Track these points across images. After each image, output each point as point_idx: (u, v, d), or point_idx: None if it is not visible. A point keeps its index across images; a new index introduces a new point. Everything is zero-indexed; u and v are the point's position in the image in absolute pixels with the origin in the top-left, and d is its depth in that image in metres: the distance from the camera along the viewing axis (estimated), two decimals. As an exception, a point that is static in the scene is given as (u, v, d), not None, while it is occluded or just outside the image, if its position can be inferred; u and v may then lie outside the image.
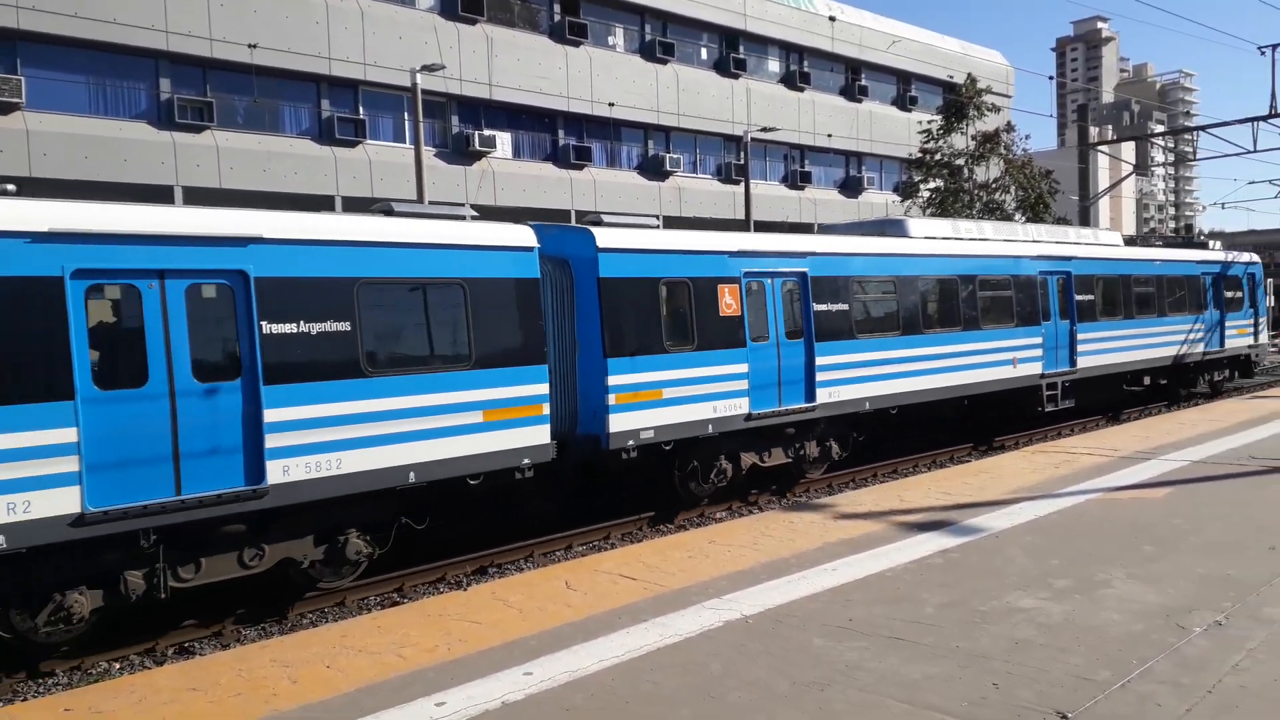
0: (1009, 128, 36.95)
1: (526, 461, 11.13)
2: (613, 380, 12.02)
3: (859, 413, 15.22)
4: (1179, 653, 6.17)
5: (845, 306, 14.95)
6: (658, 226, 13.92)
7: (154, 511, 8.39)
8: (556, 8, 35.75)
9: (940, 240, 17.59)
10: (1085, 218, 37.09)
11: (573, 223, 19.34)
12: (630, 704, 5.70)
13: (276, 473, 9.05)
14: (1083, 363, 19.84)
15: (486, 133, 33.26)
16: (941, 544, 9.21)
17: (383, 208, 10.93)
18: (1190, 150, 73.89)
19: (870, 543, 9.37)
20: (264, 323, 9.08)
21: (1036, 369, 18.69)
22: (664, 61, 38.48)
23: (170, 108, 26.93)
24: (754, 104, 41.20)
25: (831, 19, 43.91)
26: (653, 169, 38.55)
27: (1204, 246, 26.21)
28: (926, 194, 36.72)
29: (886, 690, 5.78)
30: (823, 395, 14.54)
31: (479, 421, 10.72)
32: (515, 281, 11.18)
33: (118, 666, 8.76)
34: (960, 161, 35.91)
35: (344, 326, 9.62)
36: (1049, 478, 12.52)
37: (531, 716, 5.57)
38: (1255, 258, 27.05)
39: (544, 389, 11.34)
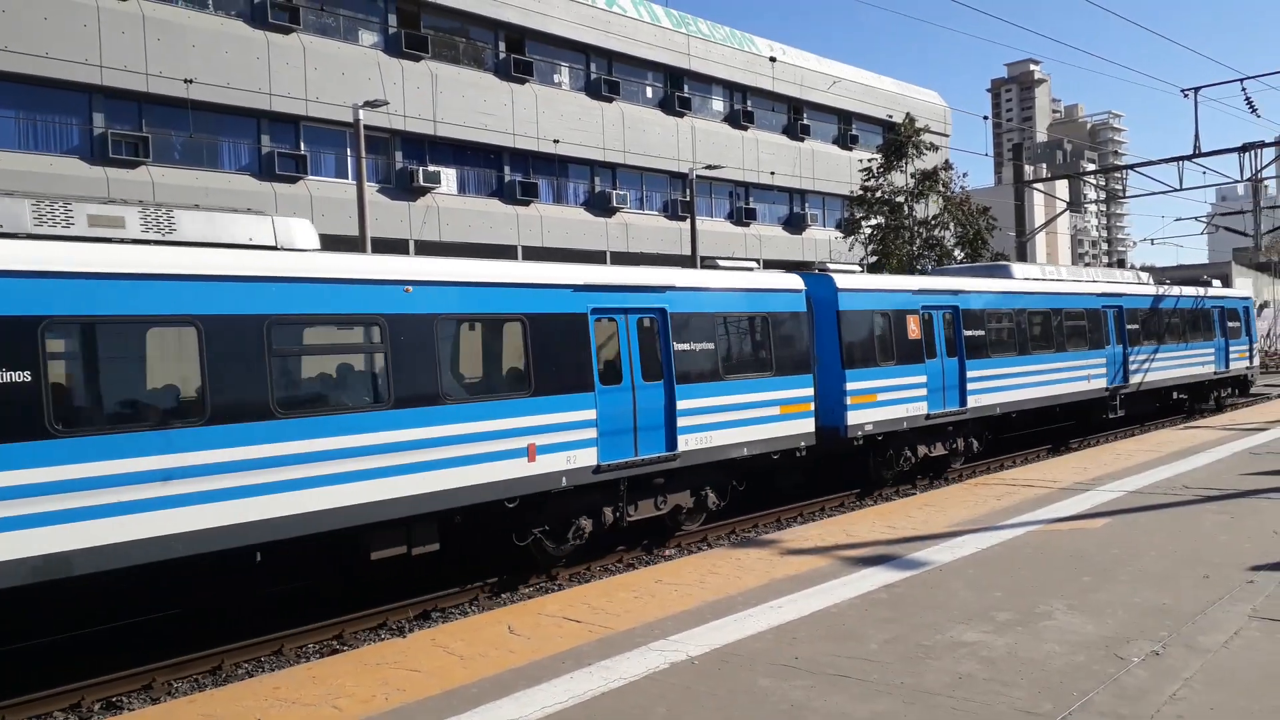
0: (947, 166, 37.90)
1: (802, 444, 15.18)
2: (849, 386, 16.08)
3: (993, 415, 19.59)
4: (1118, 683, 6.22)
5: (982, 332, 19.13)
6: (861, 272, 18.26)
7: (625, 466, 12.50)
8: (502, 45, 35.94)
9: (1035, 280, 22.25)
10: (1022, 253, 38.05)
11: (515, 259, 19.39)
12: (573, 752, 5.57)
13: (682, 444, 13.18)
14: (1133, 379, 24.23)
15: (431, 169, 33.15)
16: (886, 578, 9.23)
17: (711, 264, 15.42)
18: (1120, 188, 76.41)
19: (816, 578, 9.35)
20: (675, 343, 13.29)
21: (1101, 383, 22.99)
22: (609, 99, 38.83)
23: (104, 142, 26.39)
24: (699, 142, 41.71)
25: (773, 60, 44.78)
26: (599, 205, 38.72)
27: (1208, 284, 30.07)
28: (868, 231, 37.39)
29: (832, 730, 5.72)
30: (972, 400, 18.74)
31: (778, 414, 14.76)
32: (792, 314, 15.34)
33: (39, 725, 8.36)
34: (900, 199, 36.67)
35: (709, 347, 13.78)
36: (991, 510, 12.67)
37: (471, 768, 5.41)
38: (1249, 293, 32.17)
39: (811, 391, 15.38)
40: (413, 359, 10.47)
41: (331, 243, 11.51)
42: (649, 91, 41.46)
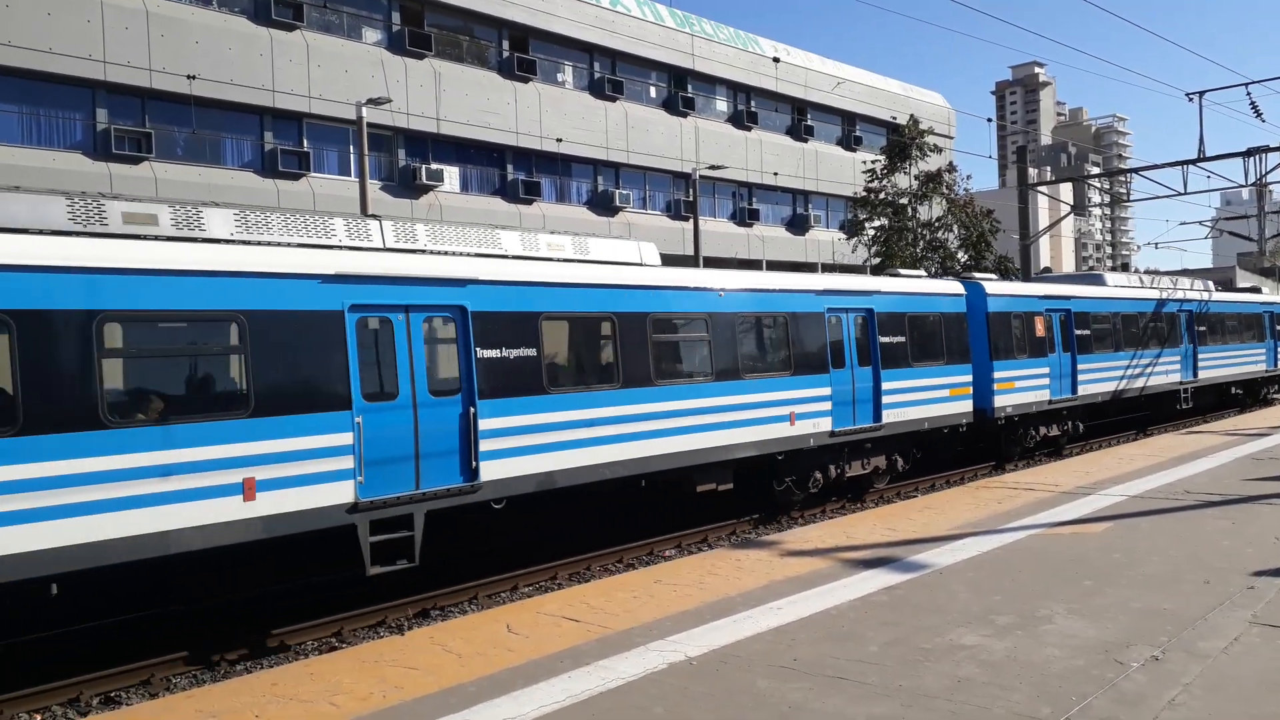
0: (951, 168, 37.83)
1: (964, 421, 18.55)
2: (995, 375, 19.19)
3: (1095, 402, 22.59)
4: (1117, 688, 6.20)
5: (1088, 331, 22.37)
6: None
7: (849, 433, 15.86)
8: (505, 44, 35.93)
9: (1124, 287, 25.36)
10: (1026, 256, 37.97)
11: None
12: (570, 752, 5.55)
13: (885, 417, 16.54)
14: (1201, 375, 27.53)
15: (434, 166, 33.15)
16: (886, 581, 9.21)
17: (892, 272, 19.47)
18: (1125, 191, 76.32)
19: (816, 580, 9.33)
20: (880, 336, 16.67)
21: (1176, 378, 26.18)
22: (613, 99, 38.81)
23: (107, 138, 26.40)
24: (702, 142, 41.69)
25: (776, 60, 44.75)
26: (602, 204, 38.70)
27: (1258, 291, 34.46)
28: (871, 232, 37.35)
29: (830, 733, 5.70)
30: (1082, 389, 21.76)
31: (948, 396, 18.08)
32: (957, 314, 18.69)
33: (39, 718, 8.35)
34: (904, 201, 36.62)
35: (901, 339, 17.11)
36: (992, 513, 12.64)
37: (467, 767, 5.39)
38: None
39: (970, 378, 18.64)
40: (723, 345, 14.03)
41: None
42: (652, 91, 41.44)
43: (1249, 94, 29.84)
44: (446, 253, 11.38)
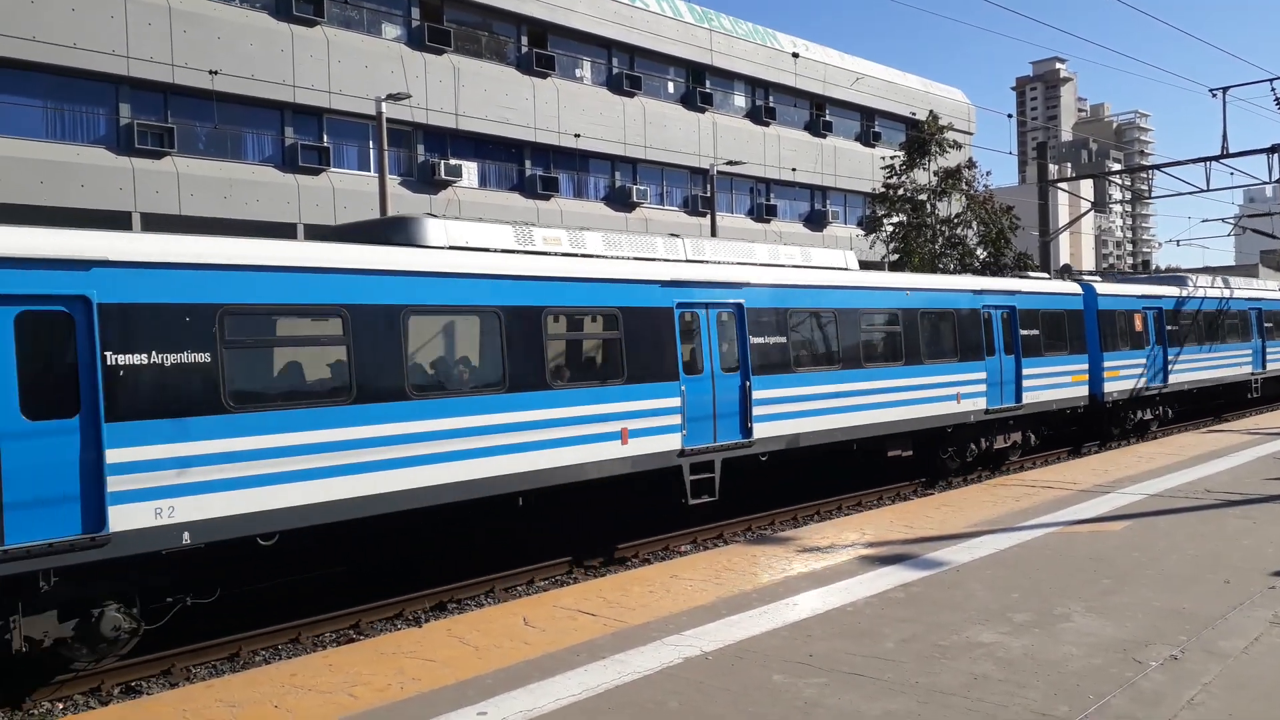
0: (970, 164, 37.58)
1: (1082, 404, 21.48)
2: (1105, 364, 22.09)
3: (1182, 390, 25.14)
4: (1135, 687, 6.18)
5: (1176, 327, 24.90)
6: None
7: (999, 411, 19.01)
8: (524, 40, 35.96)
9: (1205, 287, 27.35)
10: (1045, 253, 37.72)
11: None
12: (586, 744, 5.59)
13: (1025, 398, 19.61)
14: (1269, 367, 30.10)
15: (453, 162, 33.24)
16: (903, 577, 9.20)
17: (1022, 274, 22.59)
18: (1146, 188, 75.65)
19: (832, 576, 9.33)
20: (1020, 329, 19.61)
21: (1248, 369, 28.90)
22: (630, 94, 38.79)
23: (130, 133, 26.61)
24: (720, 137, 41.61)
25: (795, 55, 44.59)
26: (620, 200, 38.71)
27: None
28: (889, 228, 37.18)
29: (846, 728, 5.71)
30: (1172, 378, 24.44)
31: (1070, 381, 20.93)
32: (1077, 310, 21.63)
33: (60, 707, 8.46)
34: (923, 197, 36.43)
35: (1036, 332, 20.00)
36: (1009, 511, 12.59)
37: (484, 758, 5.43)
38: None
39: (1087, 366, 21.54)
40: (909, 335, 16.96)
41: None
42: (670, 87, 41.38)
43: (1274, 90, 29.44)
44: (724, 262, 14.55)
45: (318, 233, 20.37)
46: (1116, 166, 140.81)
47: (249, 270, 9.20)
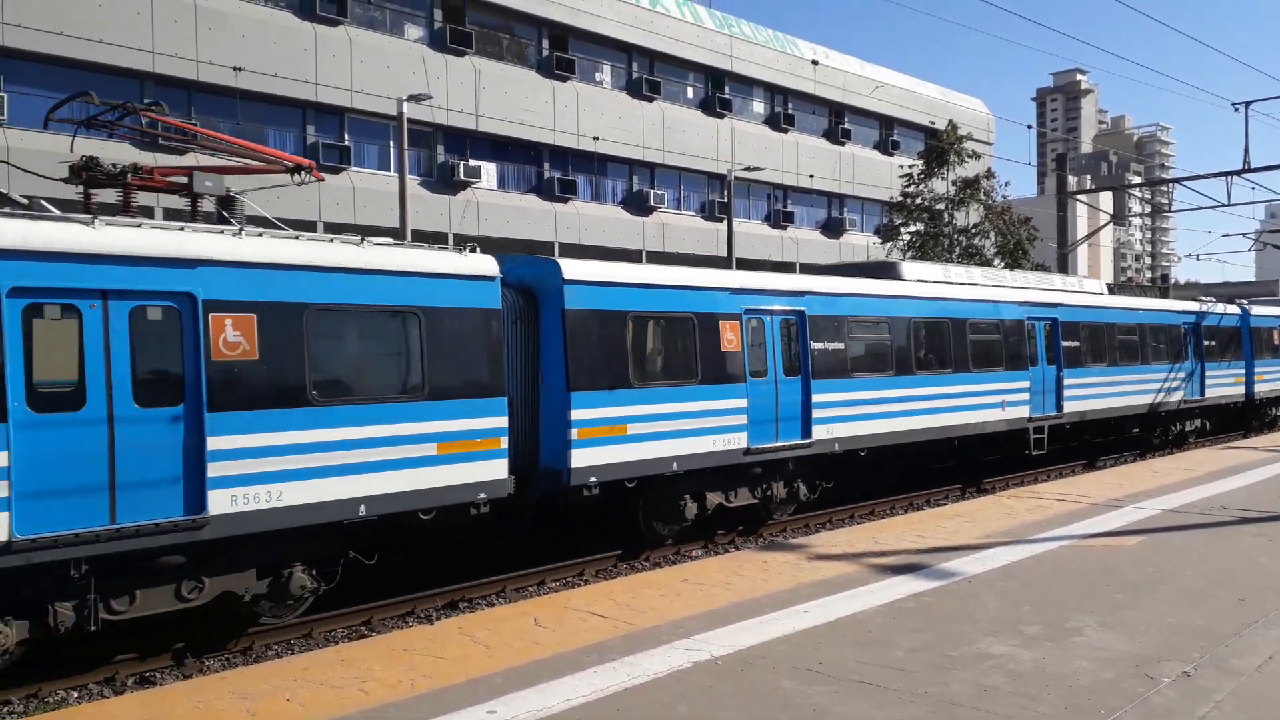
0: (989, 174, 37.49)
1: (1240, 402, 26.99)
2: (1255, 371, 27.57)
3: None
4: (1147, 703, 6.15)
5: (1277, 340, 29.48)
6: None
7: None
8: (545, 43, 36.10)
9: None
10: (1063, 265, 37.56)
11: (552, 255, 19.77)
12: (595, 745, 5.61)
13: (1208, 392, 25.08)
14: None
15: (472, 163, 33.38)
16: (914, 587, 9.18)
17: (1207, 298, 27.37)
18: (1166, 202, 75.21)
19: (843, 585, 9.32)
20: (1206, 340, 24.99)
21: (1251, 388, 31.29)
22: (650, 99, 38.87)
23: (154, 128, 26.81)
24: (738, 143, 41.64)
25: (815, 63, 44.59)
26: (637, 204, 38.78)
27: None
28: (907, 237, 37.11)
29: (855, 736, 5.71)
30: (1257, 389, 27.91)
31: (1234, 383, 26.16)
32: (1238, 328, 27.14)
33: (75, 695, 8.55)
34: (940, 206, 36.35)
35: (1213, 343, 25.46)
36: (1023, 523, 12.54)
37: (494, 756, 5.46)
38: None
39: (1244, 373, 26.96)
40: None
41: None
42: (690, 92, 41.44)
43: (1298, 105, 29.26)
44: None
45: (813, 268, 24.76)
46: (1136, 179, 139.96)
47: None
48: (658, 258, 36.70)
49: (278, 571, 9.43)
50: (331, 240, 9.96)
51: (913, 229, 37.11)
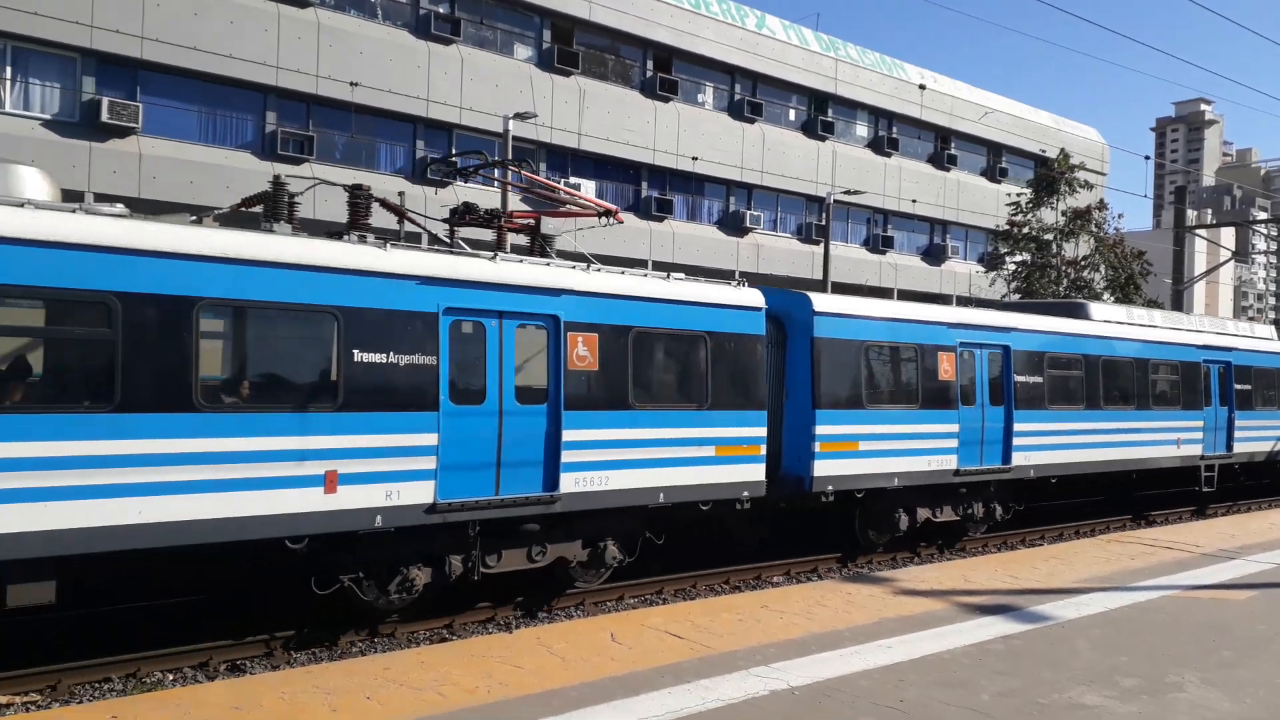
0: (1102, 205, 36.22)
1: None
2: None
3: None
4: (1254, 769, 5.79)
5: None
6: None
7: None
8: (649, 64, 36.44)
9: None
10: (1178, 302, 35.94)
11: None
12: (666, 767, 5.57)
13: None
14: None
15: (572, 181, 33.87)
16: (1004, 629, 8.87)
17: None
18: (1293, 239, 71.27)
19: (930, 622, 9.06)
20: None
21: None
22: (751, 120, 38.82)
23: (274, 139, 28.10)
24: (839, 166, 41.20)
25: (922, 87, 43.86)
26: (732, 225, 38.70)
27: None
28: (1012, 267, 36.10)
29: (934, 779, 5.53)
30: None
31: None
32: None
33: (170, 677, 8.91)
34: (1049, 236, 35.26)
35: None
36: (1123, 569, 12.00)
37: (565, 770, 5.48)
38: None
39: None
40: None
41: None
42: (791, 114, 41.23)
43: None
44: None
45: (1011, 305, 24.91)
46: (1263, 215, 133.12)
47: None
48: (751, 279, 36.42)
49: (596, 544, 11.30)
50: (646, 275, 11.84)
51: (1019, 258, 36.07)
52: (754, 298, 12.67)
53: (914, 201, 43.79)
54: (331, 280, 8.94)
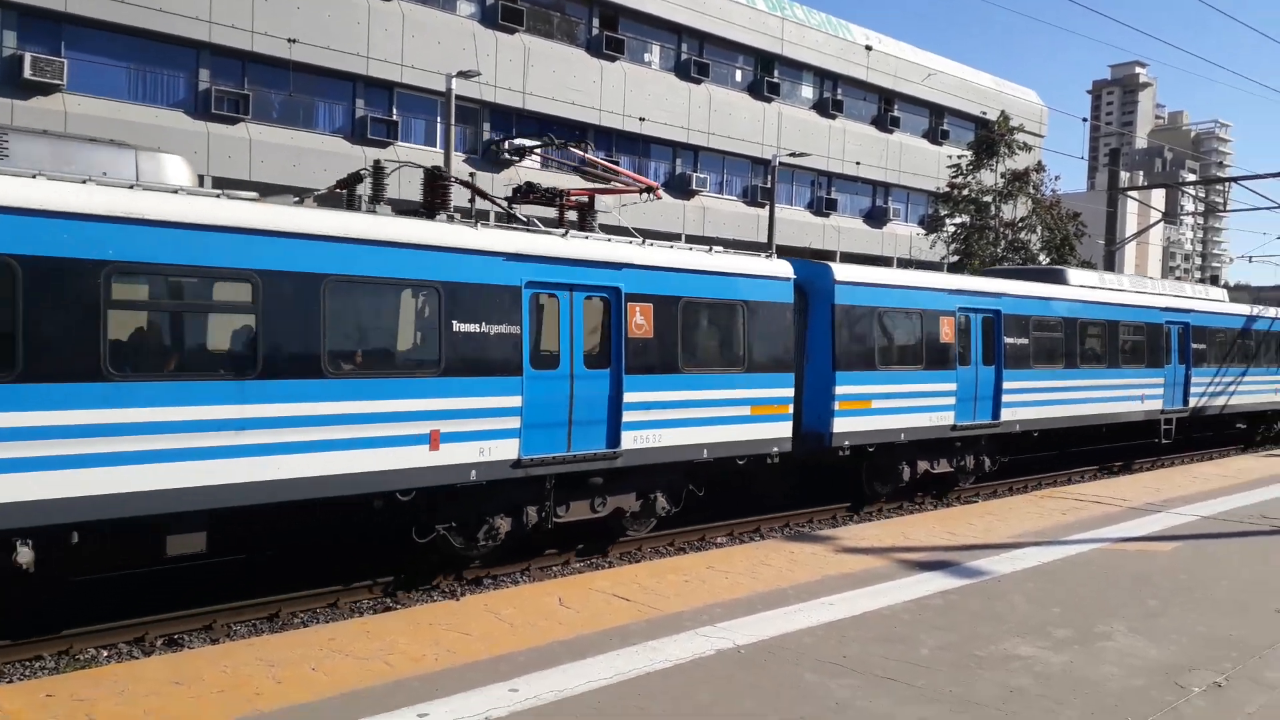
0: (1039, 167, 36.83)
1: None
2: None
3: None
4: (1176, 712, 6.05)
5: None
6: None
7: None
8: (596, 22, 35.95)
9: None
10: (1110, 263, 36.82)
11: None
12: (613, 728, 5.64)
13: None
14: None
15: (517, 141, 33.39)
16: (942, 585, 9.10)
17: None
18: (1221, 201, 73.31)
19: (870, 579, 9.26)
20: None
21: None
22: (698, 81, 38.60)
23: (208, 98, 27.20)
24: (784, 128, 41.24)
25: (868, 48, 43.98)
26: (679, 187, 38.59)
27: None
28: (952, 229, 36.61)
29: (874, 732, 5.68)
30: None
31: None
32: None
33: (105, 654, 8.75)
34: (988, 198, 35.79)
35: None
36: (1056, 524, 12.37)
37: (513, 734, 5.51)
38: None
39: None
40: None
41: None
42: (738, 75, 41.08)
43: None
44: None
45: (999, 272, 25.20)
46: (1192, 176, 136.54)
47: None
48: (696, 241, 36.46)
49: (647, 496, 12.47)
50: (692, 249, 12.80)
51: (958, 220, 36.59)
52: (784, 269, 13.78)
53: (858, 164, 44.08)
54: (435, 257, 9.90)
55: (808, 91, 43.77)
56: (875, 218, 46.56)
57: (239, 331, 8.89)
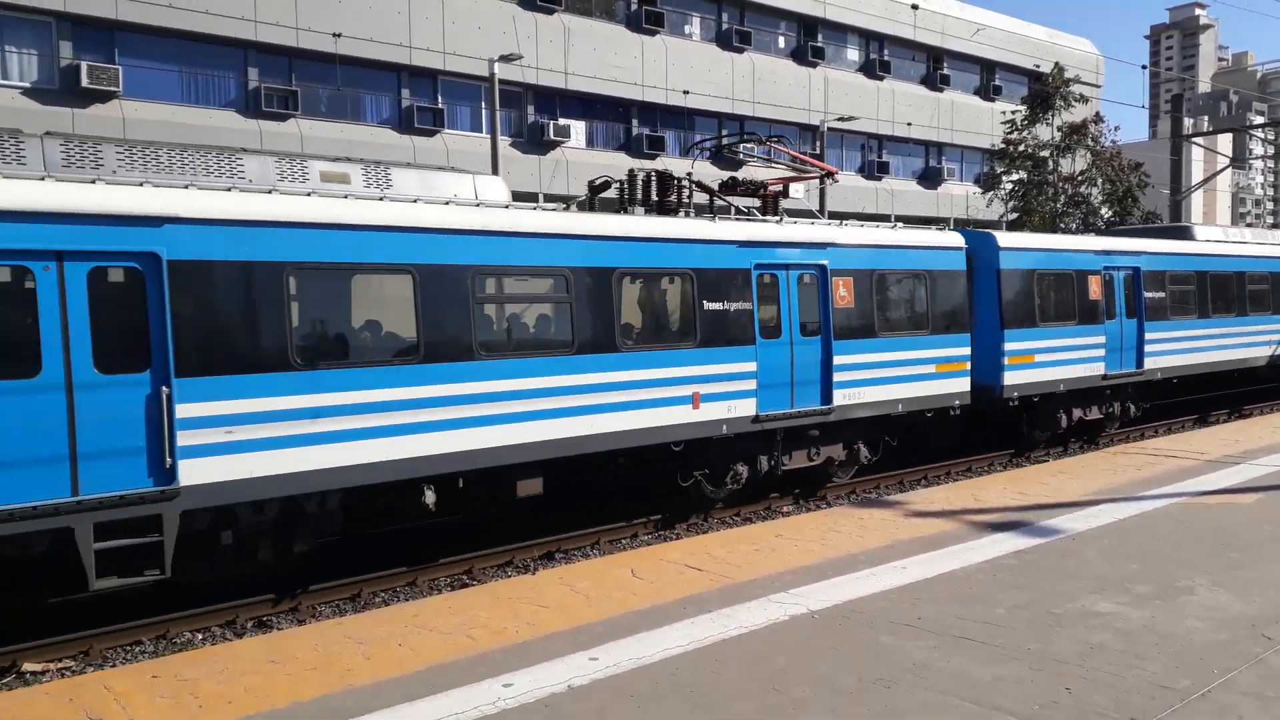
0: (1097, 118, 35.80)
1: None
2: None
3: None
4: (1264, 664, 5.96)
5: None
6: None
7: None
8: (634, -3, 35.74)
9: None
10: (1175, 213, 35.74)
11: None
12: (693, 693, 5.73)
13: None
14: None
15: (561, 122, 33.45)
16: (1016, 545, 9.02)
17: None
18: (1292, 142, 70.49)
19: (943, 541, 9.22)
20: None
21: None
22: (740, 50, 38.19)
23: (257, 96, 27.71)
24: (831, 93, 40.65)
25: (914, 7, 43.03)
26: (726, 158, 38.30)
27: None
28: (1009, 186, 35.83)
29: (954, 690, 5.69)
30: None
31: None
32: None
33: (200, 637, 9.10)
34: (1045, 153, 34.92)
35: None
36: (1130, 480, 12.15)
37: (596, 701, 5.64)
38: None
39: None
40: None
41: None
42: (781, 41, 40.54)
43: None
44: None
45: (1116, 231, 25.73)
46: (1259, 119, 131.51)
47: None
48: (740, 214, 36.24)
49: (851, 446, 14.10)
50: (879, 227, 14.47)
51: (1015, 177, 35.78)
52: (957, 239, 15.32)
53: (909, 125, 43.29)
54: (688, 249, 11.84)
55: (853, 54, 43.04)
56: (929, 179, 45.74)
57: (557, 315, 10.98)
